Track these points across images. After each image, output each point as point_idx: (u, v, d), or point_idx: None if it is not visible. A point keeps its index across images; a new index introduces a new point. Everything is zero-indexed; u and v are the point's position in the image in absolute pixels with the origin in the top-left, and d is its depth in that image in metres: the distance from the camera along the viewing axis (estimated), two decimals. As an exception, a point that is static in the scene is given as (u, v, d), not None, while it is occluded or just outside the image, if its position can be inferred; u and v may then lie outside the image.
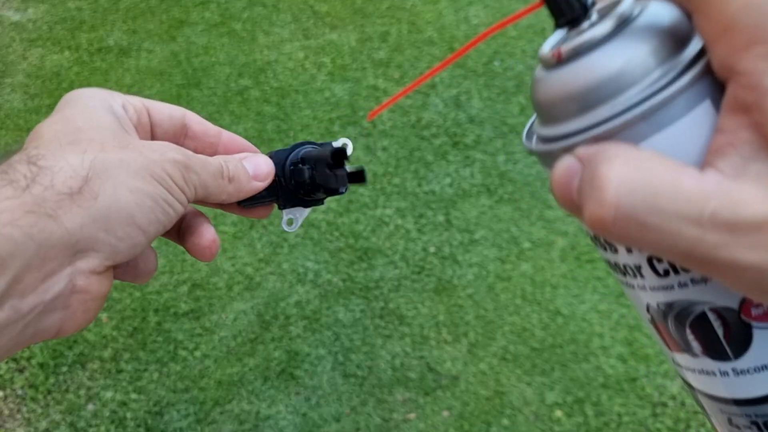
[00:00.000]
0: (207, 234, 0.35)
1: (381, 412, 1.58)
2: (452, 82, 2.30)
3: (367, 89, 2.31)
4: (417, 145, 2.12)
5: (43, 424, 1.61)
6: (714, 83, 0.20)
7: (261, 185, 0.36)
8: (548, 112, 0.24)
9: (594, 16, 0.23)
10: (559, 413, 1.54)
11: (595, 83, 0.21)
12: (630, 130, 0.21)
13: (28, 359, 1.72)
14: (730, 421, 0.25)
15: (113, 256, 0.28)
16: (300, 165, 0.37)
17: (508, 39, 2.41)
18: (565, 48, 0.22)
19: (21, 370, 1.70)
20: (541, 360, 1.63)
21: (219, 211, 0.37)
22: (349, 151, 0.38)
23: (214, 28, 2.60)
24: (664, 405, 1.53)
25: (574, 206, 0.21)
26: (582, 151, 0.21)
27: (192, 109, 0.36)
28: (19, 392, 1.66)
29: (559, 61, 0.23)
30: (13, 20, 2.71)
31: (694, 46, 0.21)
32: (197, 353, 1.71)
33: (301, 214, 0.39)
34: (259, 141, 2.15)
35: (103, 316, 1.79)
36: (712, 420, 0.27)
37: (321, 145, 0.38)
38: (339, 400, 1.60)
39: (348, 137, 0.39)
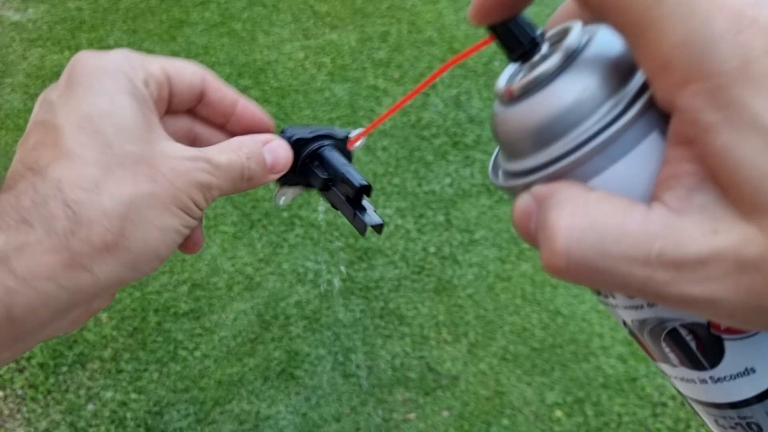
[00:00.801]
0: (196, 231, 0.34)
1: (381, 412, 1.58)
2: (452, 82, 2.30)
3: (367, 89, 2.31)
4: (417, 145, 2.12)
5: (43, 424, 1.61)
6: (661, 114, 0.20)
7: (274, 177, 0.35)
8: (507, 148, 0.24)
9: (545, 48, 0.23)
10: (559, 413, 1.54)
11: (546, 121, 0.22)
12: (582, 166, 0.21)
13: (28, 359, 1.72)
14: (716, 422, 0.26)
15: (130, 281, 0.30)
16: (316, 168, 0.36)
17: (508, 39, 2.41)
18: (516, 86, 0.23)
19: (21, 370, 1.70)
20: (541, 360, 1.63)
21: (219, 211, 0.36)
22: (359, 144, 0.37)
23: (214, 28, 2.60)
24: (664, 405, 1.53)
25: (535, 244, 0.21)
26: (536, 191, 0.21)
27: (192, 108, 0.35)
28: (19, 392, 1.66)
29: (511, 98, 0.23)
30: (13, 20, 2.71)
31: (639, 77, 0.21)
32: (197, 353, 1.71)
33: (295, 192, 0.38)
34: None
35: (103, 316, 1.79)
36: (703, 419, 0.27)
37: (340, 140, 0.37)
38: (339, 400, 1.60)
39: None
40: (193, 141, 0.35)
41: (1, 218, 0.25)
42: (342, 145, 0.36)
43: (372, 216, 0.35)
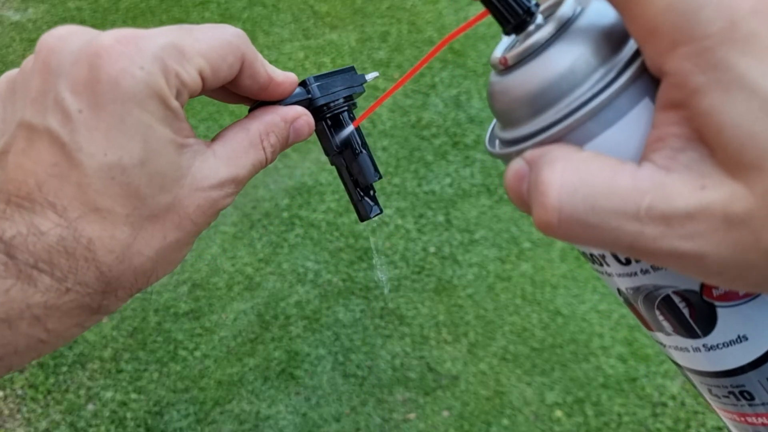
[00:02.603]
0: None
1: (381, 412, 1.58)
2: (452, 82, 2.30)
3: (367, 89, 2.31)
4: (417, 145, 2.12)
5: (43, 424, 1.61)
6: (652, 80, 0.21)
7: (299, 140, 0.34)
8: (502, 117, 0.24)
9: (539, 19, 0.24)
10: (559, 413, 1.54)
11: (540, 88, 0.22)
12: (575, 132, 0.21)
13: (28, 359, 1.72)
14: (711, 392, 0.27)
15: None
16: (334, 132, 0.35)
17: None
18: (511, 54, 0.23)
19: (21, 370, 1.70)
20: (541, 360, 1.63)
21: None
22: (371, 76, 0.37)
23: (214, 28, 2.60)
24: (664, 405, 1.53)
25: (526, 208, 0.21)
26: (528, 154, 0.22)
27: (192, 108, 0.33)
28: (19, 392, 1.66)
29: (506, 67, 0.24)
30: (13, 20, 2.71)
31: (632, 44, 0.21)
32: (197, 353, 1.71)
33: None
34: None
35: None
36: (699, 390, 0.28)
37: (358, 93, 0.36)
38: (339, 400, 1.60)
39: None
40: (210, 96, 0.33)
41: (39, 276, 0.24)
42: (359, 90, 0.36)
43: (374, 205, 0.35)
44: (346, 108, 0.35)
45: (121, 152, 0.25)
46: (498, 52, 0.25)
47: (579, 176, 0.20)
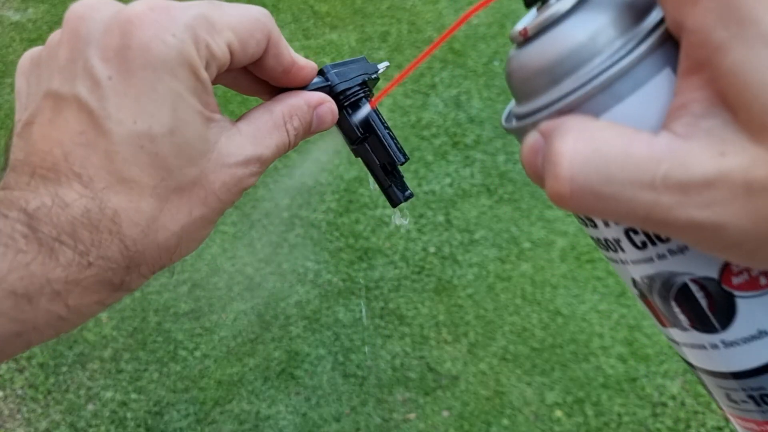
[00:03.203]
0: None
1: (381, 412, 1.58)
2: (452, 82, 2.30)
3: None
4: (417, 145, 2.12)
5: (43, 424, 1.61)
6: (674, 51, 0.20)
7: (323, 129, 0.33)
8: (519, 90, 0.24)
9: None
10: (559, 413, 1.54)
11: (558, 57, 0.22)
12: (591, 101, 0.21)
13: (28, 359, 1.72)
14: (728, 397, 0.25)
15: None
16: (353, 119, 0.34)
17: (508, 39, 2.41)
18: (531, 25, 0.23)
19: (21, 370, 1.70)
20: (541, 360, 1.63)
21: None
22: (383, 66, 0.36)
23: (214, 28, 2.60)
24: (664, 405, 1.53)
25: (541, 181, 0.21)
26: (543, 125, 0.21)
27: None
28: (19, 392, 1.66)
29: (526, 38, 0.23)
30: (13, 20, 2.71)
31: (655, 15, 0.21)
32: (197, 353, 1.71)
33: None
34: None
35: (103, 316, 1.79)
36: (714, 397, 0.26)
37: (373, 81, 0.36)
38: (339, 400, 1.60)
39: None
40: (231, 83, 0.32)
41: (61, 249, 0.24)
42: (373, 82, 0.36)
43: (403, 189, 0.35)
44: (363, 94, 0.35)
45: (151, 120, 0.24)
46: (518, 26, 0.24)
47: (592, 146, 0.19)
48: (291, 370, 1.66)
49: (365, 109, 0.34)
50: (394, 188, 0.35)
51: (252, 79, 0.32)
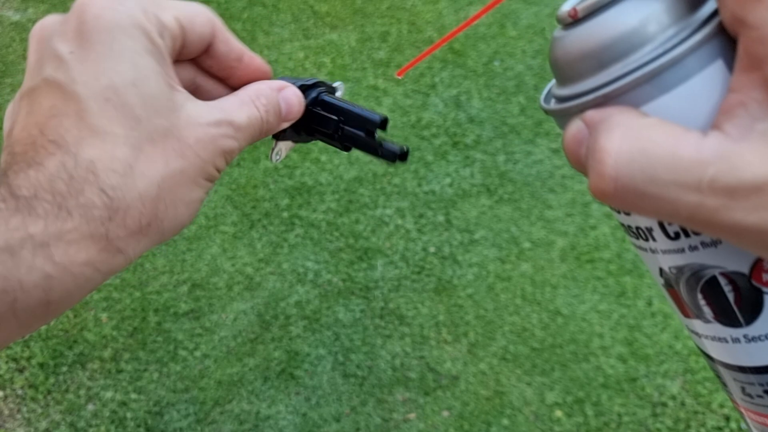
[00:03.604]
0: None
1: (381, 412, 1.58)
2: (452, 82, 2.30)
3: (367, 89, 2.31)
4: (417, 145, 2.12)
5: (43, 424, 1.61)
6: (729, 43, 0.20)
7: (286, 126, 0.34)
8: (563, 72, 0.24)
9: None
10: (559, 413, 1.54)
11: (608, 42, 0.22)
12: (639, 89, 0.21)
13: (28, 359, 1.72)
14: (743, 390, 0.25)
15: None
16: (326, 113, 0.35)
17: (508, 39, 2.41)
18: (581, 6, 0.23)
19: (21, 370, 1.70)
20: (541, 360, 1.63)
21: (219, 211, 0.35)
22: (340, 92, 0.37)
23: (214, 28, 2.60)
24: (664, 405, 1.53)
25: (582, 169, 0.21)
26: (589, 116, 0.21)
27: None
28: (19, 392, 1.66)
29: (575, 19, 0.23)
30: (13, 20, 2.71)
31: (709, 6, 0.21)
32: (197, 353, 1.71)
33: (287, 147, 0.37)
34: (259, 139, 2.15)
35: (103, 316, 1.79)
36: (729, 390, 0.27)
37: (330, 87, 0.37)
38: (339, 400, 1.60)
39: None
40: (195, 92, 0.34)
41: (38, 202, 0.24)
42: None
43: (394, 146, 0.35)
44: (324, 90, 0.36)
45: (112, 74, 0.26)
46: (566, 6, 0.24)
47: (639, 145, 0.19)
48: (291, 370, 1.66)
49: (331, 99, 0.35)
50: (384, 147, 0.35)
51: (215, 82, 0.34)
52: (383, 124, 0.35)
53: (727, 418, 1.50)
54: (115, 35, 0.27)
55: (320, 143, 0.38)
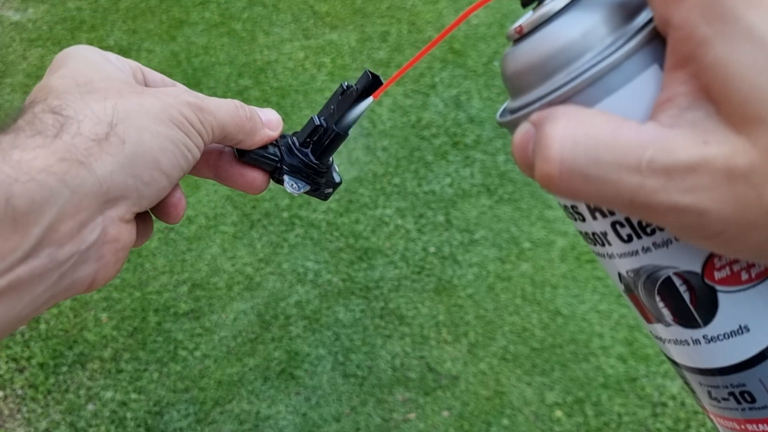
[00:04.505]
0: (176, 192, 0.34)
1: (381, 412, 1.58)
2: (452, 82, 2.30)
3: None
4: (417, 145, 2.12)
5: (43, 424, 1.61)
6: (662, 49, 0.21)
7: (273, 134, 0.36)
8: (514, 85, 0.25)
9: None
10: (559, 413, 1.54)
11: (551, 52, 0.23)
12: (582, 94, 0.22)
13: (28, 359, 1.72)
14: (710, 395, 0.25)
15: (140, 202, 0.29)
16: (305, 143, 0.38)
17: (507, 39, 2.41)
18: (526, 22, 0.24)
19: (21, 370, 1.70)
20: (541, 360, 1.63)
21: (219, 211, 0.36)
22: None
23: (214, 28, 2.60)
24: (664, 405, 1.53)
25: (531, 170, 0.22)
26: (534, 116, 0.22)
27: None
28: (19, 392, 1.66)
29: (521, 35, 0.24)
30: (13, 20, 2.71)
31: (644, 16, 0.22)
32: (197, 353, 1.71)
33: (303, 185, 0.39)
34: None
35: (103, 316, 1.79)
36: (697, 396, 0.27)
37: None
38: (339, 400, 1.60)
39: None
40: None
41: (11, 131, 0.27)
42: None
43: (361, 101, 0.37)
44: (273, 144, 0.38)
45: (70, 66, 0.31)
46: (515, 25, 0.25)
47: (582, 130, 0.20)
48: (291, 370, 1.66)
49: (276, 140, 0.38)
50: (358, 105, 0.37)
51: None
52: (376, 80, 0.38)
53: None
54: (79, 53, 0.32)
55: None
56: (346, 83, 0.37)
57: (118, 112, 0.28)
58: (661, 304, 0.24)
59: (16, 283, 0.25)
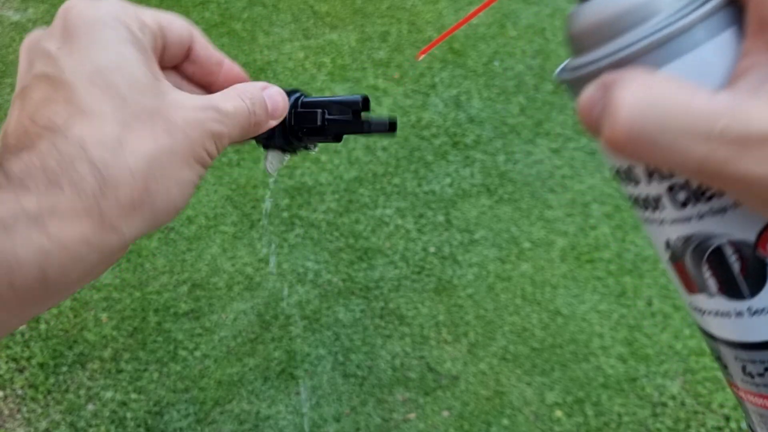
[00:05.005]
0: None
1: (381, 412, 1.58)
2: (452, 82, 2.30)
3: (367, 89, 2.31)
4: (417, 145, 2.12)
5: (43, 424, 1.61)
6: (741, 12, 0.21)
7: (274, 124, 0.34)
8: (579, 42, 0.25)
9: None
10: (559, 413, 1.54)
11: (623, 11, 0.22)
12: (652, 54, 0.22)
13: (28, 359, 1.72)
14: (744, 369, 0.25)
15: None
16: (309, 109, 0.36)
17: (508, 39, 2.41)
18: None
19: (21, 370, 1.70)
20: (541, 360, 1.63)
21: (219, 211, 0.36)
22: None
23: (214, 28, 2.60)
24: (664, 405, 1.53)
25: (595, 130, 0.22)
26: (604, 77, 0.22)
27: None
28: (19, 392, 1.66)
29: None
30: (13, 20, 2.71)
31: None
32: (197, 353, 1.71)
33: (281, 160, 0.38)
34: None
35: (103, 316, 1.79)
36: (728, 372, 0.27)
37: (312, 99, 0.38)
38: (339, 400, 1.60)
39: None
40: None
41: (30, 180, 0.25)
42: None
43: (381, 119, 0.36)
44: (303, 93, 0.37)
45: (98, 59, 0.27)
46: None
47: (653, 96, 0.20)
48: (291, 370, 1.66)
49: (307, 99, 0.36)
50: (373, 122, 0.36)
51: (200, 90, 0.35)
52: (365, 103, 0.36)
53: (727, 418, 1.50)
54: (98, 27, 0.28)
55: (315, 149, 0.39)
56: (363, 101, 0.36)
57: (153, 168, 0.27)
58: (707, 274, 0.24)
59: None
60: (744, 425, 1.50)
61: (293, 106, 0.36)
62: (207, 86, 0.35)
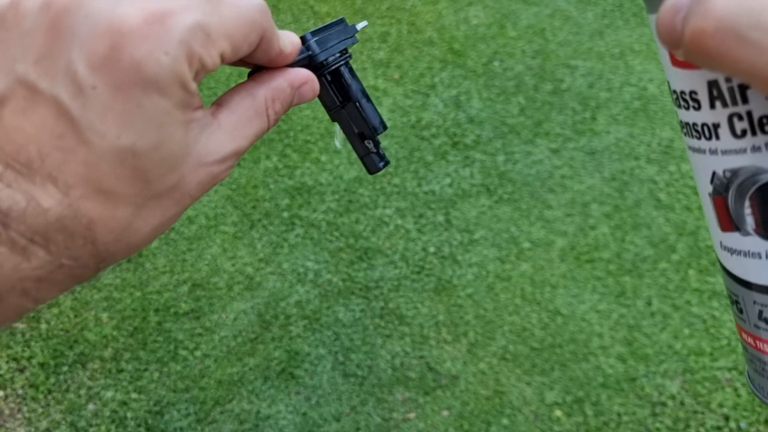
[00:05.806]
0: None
1: (381, 411, 1.58)
2: (452, 82, 2.30)
3: (367, 89, 2.31)
4: (417, 145, 2.12)
5: (44, 424, 1.61)
6: None
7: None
8: None
9: None
10: (558, 413, 1.54)
11: None
12: None
13: (29, 359, 1.72)
14: (760, 315, 0.25)
15: None
16: (333, 87, 0.35)
17: (508, 39, 2.41)
18: None
19: (21, 370, 1.70)
20: (541, 360, 1.63)
21: (219, 211, 0.36)
22: (361, 26, 0.37)
23: (215, 29, 2.61)
24: (664, 405, 1.54)
25: (674, 36, 0.21)
26: None
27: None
28: (20, 392, 1.67)
29: None
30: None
31: None
32: (197, 353, 1.71)
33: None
34: (259, 140, 2.15)
35: (104, 316, 1.79)
36: (743, 317, 0.26)
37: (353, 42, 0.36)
38: (339, 400, 1.60)
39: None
40: None
41: (35, 249, 0.24)
42: (353, 42, 0.36)
43: (381, 158, 0.35)
44: (344, 62, 0.35)
45: (136, 137, 0.24)
46: None
47: None
48: (291, 369, 1.66)
49: (349, 82, 0.34)
50: (371, 156, 0.35)
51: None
52: (379, 133, 0.35)
53: (727, 418, 1.50)
54: (149, 94, 0.24)
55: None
56: (386, 163, 0.35)
57: (152, 238, 0.28)
58: (748, 210, 0.24)
59: None
60: (744, 425, 1.50)
61: (325, 74, 0.34)
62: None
